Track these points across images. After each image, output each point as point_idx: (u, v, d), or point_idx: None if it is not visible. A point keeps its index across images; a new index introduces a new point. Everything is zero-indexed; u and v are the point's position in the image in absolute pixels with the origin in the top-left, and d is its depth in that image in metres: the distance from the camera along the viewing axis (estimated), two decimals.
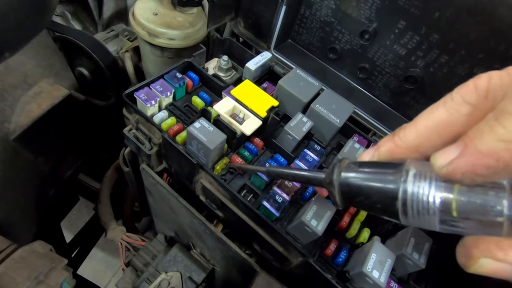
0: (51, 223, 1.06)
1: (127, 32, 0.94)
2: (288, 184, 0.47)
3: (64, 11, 1.03)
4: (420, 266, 0.41)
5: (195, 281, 0.56)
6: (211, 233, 0.52)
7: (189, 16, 0.77)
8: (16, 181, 0.72)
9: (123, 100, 0.49)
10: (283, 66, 0.63)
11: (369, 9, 0.54)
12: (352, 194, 0.28)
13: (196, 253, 0.61)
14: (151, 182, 0.55)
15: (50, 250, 0.52)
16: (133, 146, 0.51)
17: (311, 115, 0.52)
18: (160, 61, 0.81)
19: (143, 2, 0.76)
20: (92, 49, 0.82)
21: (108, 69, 0.85)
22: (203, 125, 0.44)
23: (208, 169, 0.45)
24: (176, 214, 0.57)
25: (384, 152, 0.27)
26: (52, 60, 0.75)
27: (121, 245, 0.68)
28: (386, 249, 0.41)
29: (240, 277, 0.56)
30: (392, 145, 0.26)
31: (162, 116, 0.50)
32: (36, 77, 0.71)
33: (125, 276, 0.61)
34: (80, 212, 1.39)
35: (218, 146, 0.44)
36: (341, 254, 0.44)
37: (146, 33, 0.73)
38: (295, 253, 0.43)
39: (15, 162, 0.70)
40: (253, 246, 0.51)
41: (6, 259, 0.47)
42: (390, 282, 0.43)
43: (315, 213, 0.41)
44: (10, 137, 0.66)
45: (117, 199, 0.93)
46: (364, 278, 0.38)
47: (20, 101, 0.68)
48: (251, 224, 0.46)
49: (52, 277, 0.47)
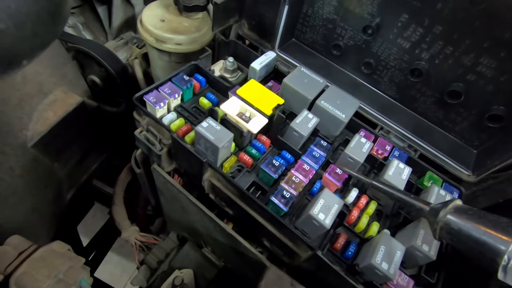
0: (68, 227, 1.09)
1: (136, 39, 0.96)
2: (296, 179, 0.47)
3: (76, 22, 1.07)
4: (430, 258, 0.41)
5: (207, 277, 0.57)
6: (221, 231, 0.53)
7: (195, 21, 0.79)
8: (35, 186, 0.75)
9: (134, 104, 0.51)
10: (288, 65, 0.64)
11: (371, 4, 0.54)
12: (452, 235, 0.33)
13: (207, 250, 0.62)
14: (162, 181, 0.56)
15: (68, 249, 0.54)
16: (144, 147, 0.53)
17: (316, 111, 0.52)
18: (168, 66, 0.83)
19: (150, 10, 0.78)
20: (103, 57, 0.85)
21: (118, 76, 0.88)
22: (211, 125, 0.45)
23: (217, 167, 0.46)
24: (187, 212, 0.58)
25: None
26: (66, 69, 0.78)
27: (135, 244, 0.70)
28: (395, 241, 0.41)
29: (251, 273, 0.57)
30: None
31: (171, 118, 0.51)
32: (51, 86, 0.74)
33: (139, 274, 0.62)
34: (95, 217, 1.43)
35: (225, 145, 0.45)
36: (350, 248, 0.44)
37: (154, 40, 0.75)
38: (304, 247, 0.43)
39: (33, 168, 0.73)
40: (263, 243, 0.52)
41: (27, 259, 0.49)
42: (401, 274, 0.42)
43: (322, 207, 0.41)
44: (28, 144, 0.69)
45: (130, 202, 0.96)
46: (373, 271, 0.39)
47: (37, 109, 0.71)
48: (260, 220, 0.46)
49: (71, 275, 0.49)
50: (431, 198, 0.46)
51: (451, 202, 0.35)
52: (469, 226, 0.31)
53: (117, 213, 0.81)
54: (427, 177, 0.53)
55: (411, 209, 0.45)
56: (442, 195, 0.47)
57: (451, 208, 0.34)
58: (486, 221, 0.31)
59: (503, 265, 0.27)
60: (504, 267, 0.27)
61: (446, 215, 0.33)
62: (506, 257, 0.27)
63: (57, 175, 0.82)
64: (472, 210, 0.33)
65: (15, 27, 0.31)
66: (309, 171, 0.49)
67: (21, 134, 0.68)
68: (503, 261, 0.27)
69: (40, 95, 0.72)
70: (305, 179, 0.48)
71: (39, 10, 0.33)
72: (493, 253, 0.28)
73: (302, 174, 0.48)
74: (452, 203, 0.34)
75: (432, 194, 0.47)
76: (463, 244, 0.32)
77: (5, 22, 0.29)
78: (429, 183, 0.53)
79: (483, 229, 0.30)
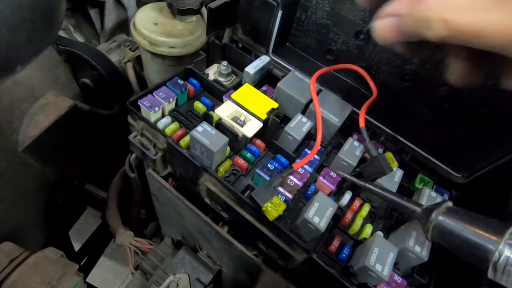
0: (60, 232, 1.08)
1: (129, 42, 0.96)
2: (291, 183, 0.48)
3: (67, 25, 1.06)
4: (422, 259, 0.42)
5: (203, 282, 0.57)
6: (217, 235, 0.53)
7: (188, 24, 0.79)
8: (26, 191, 0.74)
9: (128, 108, 0.51)
10: (282, 69, 0.65)
11: (363, 10, 0.56)
12: (444, 235, 0.34)
13: (203, 255, 0.62)
14: (157, 186, 0.56)
15: (61, 256, 0.53)
16: (139, 152, 0.53)
17: (310, 115, 0.53)
18: (161, 69, 0.83)
19: (144, 13, 0.78)
20: (95, 60, 0.85)
21: (111, 79, 0.87)
22: (206, 129, 0.46)
23: (212, 171, 0.47)
24: (183, 217, 0.58)
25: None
26: (57, 72, 0.77)
27: (130, 249, 0.69)
28: (388, 243, 0.42)
29: (247, 277, 0.57)
30: None
31: (165, 122, 0.51)
32: (42, 89, 0.73)
33: (134, 280, 0.62)
34: (87, 222, 1.41)
35: (220, 149, 0.45)
36: (345, 250, 0.45)
37: (147, 43, 0.75)
38: (299, 250, 0.44)
39: (24, 173, 0.71)
40: (259, 246, 0.52)
41: (20, 266, 0.48)
42: (394, 275, 0.43)
43: (317, 210, 0.42)
44: (19, 149, 0.68)
45: (124, 206, 0.95)
46: (367, 272, 0.39)
47: (28, 113, 0.70)
48: (256, 224, 0.47)
49: (64, 282, 0.48)
50: (422, 200, 0.48)
51: (442, 203, 0.36)
52: (460, 226, 0.32)
53: (111, 218, 0.81)
54: (418, 180, 0.55)
55: (403, 211, 0.46)
56: (433, 196, 0.49)
57: (442, 209, 0.35)
58: (476, 221, 0.32)
59: (493, 263, 0.28)
60: (494, 266, 0.29)
61: (438, 216, 0.34)
62: (497, 255, 0.28)
63: (48, 179, 0.81)
64: (463, 211, 0.34)
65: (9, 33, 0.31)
66: (303, 175, 0.49)
67: (11, 138, 0.67)
68: (493, 259, 0.28)
69: (31, 98, 0.71)
70: (299, 183, 0.48)
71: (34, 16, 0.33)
72: (483, 252, 0.30)
73: (296, 178, 0.49)
74: (444, 204, 0.36)
75: (423, 196, 0.48)
76: (454, 244, 0.33)
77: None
78: (420, 185, 0.54)
79: (474, 230, 0.31)
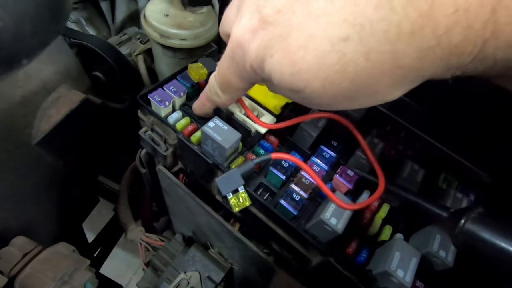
0: (74, 224, 1.10)
1: (140, 35, 0.95)
2: (306, 181, 0.46)
3: (79, 18, 1.06)
4: (447, 264, 0.39)
5: (214, 280, 0.57)
6: (228, 233, 0.52)
7: (199, 15, 0.76)
8: (39, 184, 0.74)
9: (138, 102, 0.49)
10: None
11: None
12: (475, 243, 0.31)
13: (214, 252, 0.61)
14: (168, 182, 0.55)
15: (73, 251, 0.53)
16: (149, 147, 0.52)
17: None
18: (172, 61, 0.81)
19: (154, 4, 0.76)
20: (107, 53, 0.84)
21: (122, 72, 0.86)
22: (217, 124, 0.44)
23: (224, 169, 0.45)
24: (193, 214, 0.57)
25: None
26: (69, 66, 0.77)
27: (141, 245, 0.69)
28: (410, 247, 0.39)
29: (259, 276, 0.56)
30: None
31: (176, 117, 0.50)
32: (54, 83, 0.73)
33: (145, 276, 0.62)
34: (100, 213, 1.43)
35: (233, 145, 0.43)
36: (363, 253, 0.43)
37: (158, 35, 0.73)
38: (314, 252, 0.42)
39: (38, 166, 0.72)
40: (272, 245, 0.50)
41: (33, 260, 0.49)
42: (416, 281, 0.41)
43: (334, 211, 0.40)
44: (32, 142, 0.69)
45: (135, 199, 0.95)
46: (388, 278, 0.37)
47: (41, 107, 0.70)
48: (269, 223, 0.45)
49: (76, 277, 0.48)
50: (447, 201, 0.45)
51: (472, 208, 0.33)
52: (494, 235, 0.29)
53: (122, 213, 0.81)
54: (441, 179, 0.52)
55: (426, 213, 0.44)
56: (458, 198, 0.45)
57: (473, 215, 0.32)
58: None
59: None
60: None
61: (469, 223, 0.32)
62: None
63: (61, 172, 0.82)
64: (497, 217, 0.31)
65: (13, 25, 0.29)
66: (319, 173, 0.47)
67: (24, 132, 0.67)
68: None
69: (43, 92, 0.71)
70: (315, 181, 0.46)
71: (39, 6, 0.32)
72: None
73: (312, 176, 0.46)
74: (474, 210, 0.33)
75: (448, 198, 0.45)
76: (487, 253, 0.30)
77: (2, 19, 0.28)
78: (444, 184, 0.51)
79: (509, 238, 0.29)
